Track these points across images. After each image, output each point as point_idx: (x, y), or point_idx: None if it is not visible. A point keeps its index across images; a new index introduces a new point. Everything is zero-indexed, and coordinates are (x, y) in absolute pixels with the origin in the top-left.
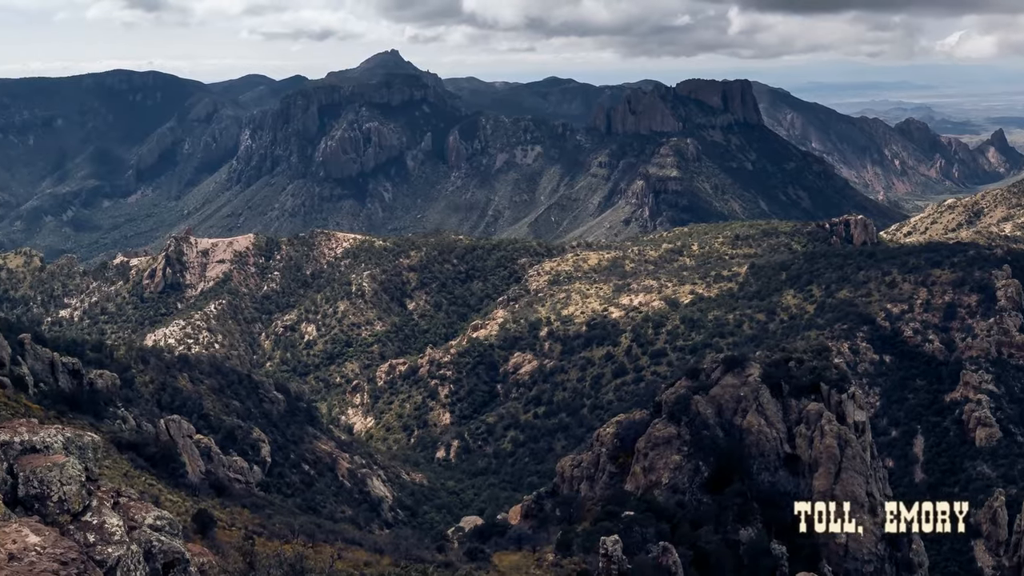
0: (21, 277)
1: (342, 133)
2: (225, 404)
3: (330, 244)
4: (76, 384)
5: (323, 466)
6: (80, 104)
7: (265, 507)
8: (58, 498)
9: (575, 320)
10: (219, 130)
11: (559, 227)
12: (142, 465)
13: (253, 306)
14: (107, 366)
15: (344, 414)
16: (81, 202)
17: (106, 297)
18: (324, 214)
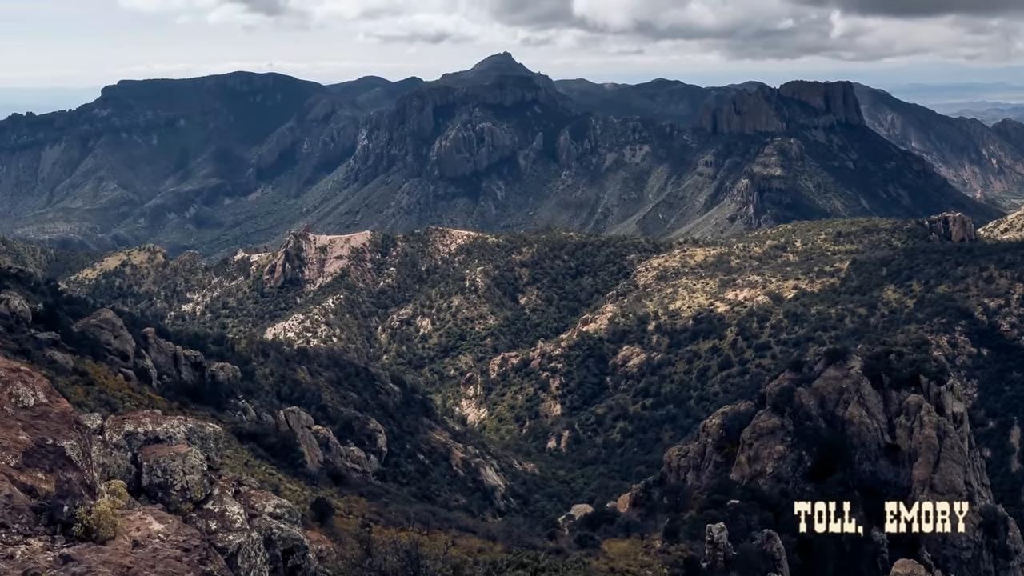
0: (145, 273)
1: (456, 133)
2: (343, 396)
3: (444, 241)
4: (198, 376)
5: (438, 456)
6: (202, 105)
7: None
8: (181, 487)
9: (682, 314)
10: (337, 130)
11: (666, 224)
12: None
13: (370, 301)
14: (228, 359)
15: (458, 405)
16: (203, 200)
17: (227, 292)
18: (438, 212)
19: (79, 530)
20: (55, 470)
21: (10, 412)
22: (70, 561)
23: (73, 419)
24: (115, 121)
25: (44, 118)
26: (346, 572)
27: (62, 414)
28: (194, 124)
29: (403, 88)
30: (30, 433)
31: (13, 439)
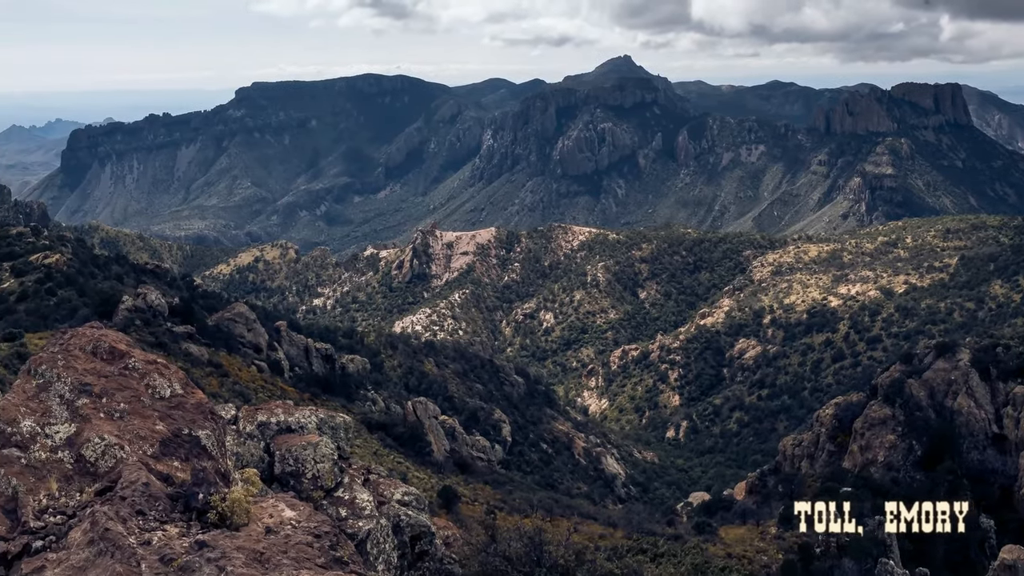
0: (277, 268)
1: (578, 133)
2: (468, 387)
3: (567, 237)
4: (329, 368)
5: (560, 445)
6: (333, 106)
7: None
8: (312, 475)
9: (796, 308)
10: (463, 130)
11: (781, 221)
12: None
13: (495, 295)
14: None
15: (580, 396)
16: (333, 198)
17: (357, 287)
18: (561, 209)
19: (214, 517)
20: (191, 459)
21: (147, 403)
22: (205, 547)
23: (208, 410)
24: (248, 122)
25: (180, 119)
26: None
27: (197, 405)
28: (325, 124)
29: (527, 90)
30: (166, 423)
31: (150, 429)
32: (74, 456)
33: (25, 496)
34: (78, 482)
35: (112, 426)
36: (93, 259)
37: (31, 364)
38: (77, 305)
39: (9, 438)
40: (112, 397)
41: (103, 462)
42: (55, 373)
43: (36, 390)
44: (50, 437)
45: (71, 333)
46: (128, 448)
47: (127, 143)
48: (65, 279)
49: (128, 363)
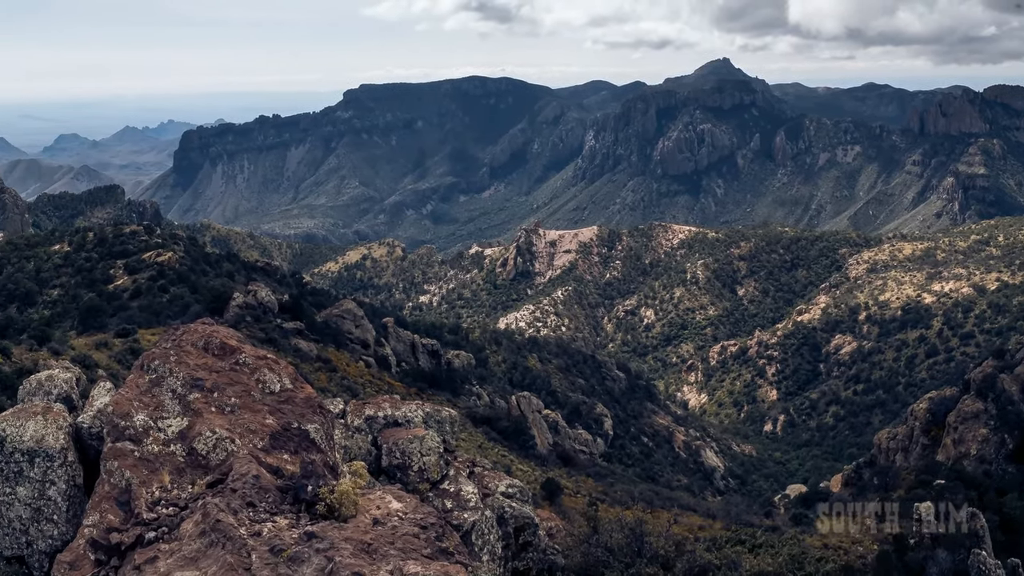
0: (385, 266)
1: (678, 134)
2: (571, 382)
3: (667, 235)
4: (435, 363)
5: (661, 438)
6: (439, 107)
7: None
8: (418, 468)
9: (891, 305)
10: (565, 131)
11: (876, 220)
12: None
13: (596, 292)
14: (463, 347)
15: (680, 391)
16: (439, 197)
17: (462, 284)
18: (661, 208)
19: (322, 508)
20: (300, 452)
21: (257, 397)
22: (314, 538)
23: (317, 404)
24: (356, 123)
25: (289, 120)
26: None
27: (306, 399)
28: (431, 126)
29: (628, 92)
30: (276, 417)
31: (260, 423)
32: (186, 449)
33: (138, 488)
34: (190, 475)
35: (223, 420)
36: (204, 257)
37: (144, 360)
38: (189, 302)
39: (123, 432)
40: (223, 392)
41: (214, 455)
42: (167, 368)
43: (149, 385)
44: (163, 431)
45: (183, 329)
46: (239, 441)
47: (238, 144)
48: (177, 276)
49: (239, 358)
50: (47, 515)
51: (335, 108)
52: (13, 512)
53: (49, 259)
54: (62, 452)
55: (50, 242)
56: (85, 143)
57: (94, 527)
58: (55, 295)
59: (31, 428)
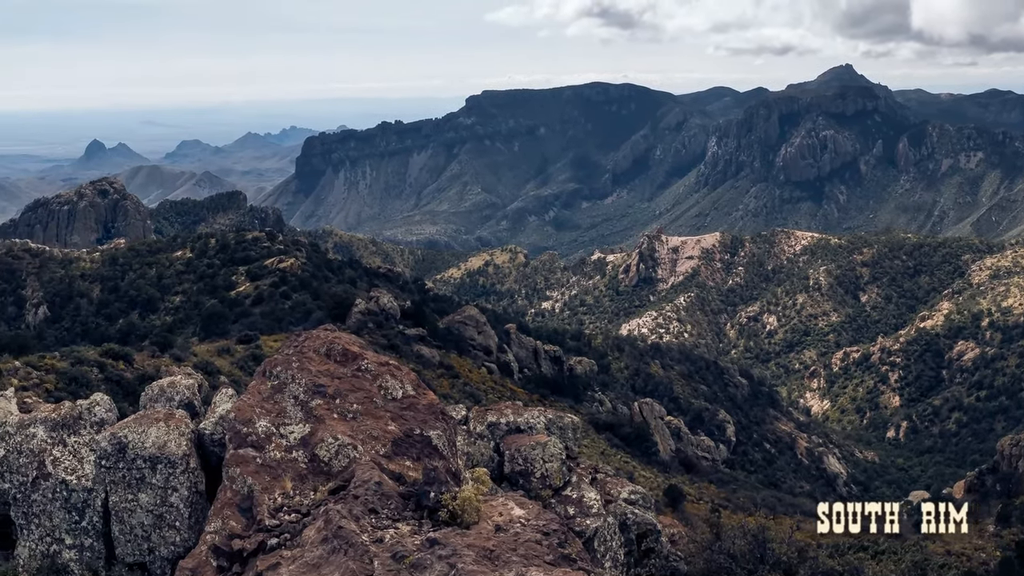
0: (507, 272)
1: (800, 140)
2: (693, 388)
3: (789, 242)
4: (557, 369)
5: (783, 445)
6: (561, 114)
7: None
8: (540, 474)
9: (1014, 311)
10: (688, 137)
11: (999, 226)
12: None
13: (719, 298)
14: (585, 353)
15: (802, 397)
16: (561, 203)
17: (584, 290)
18: (783, 214)
19: (445, 515)
20: (422, 458)
21: (380, 404)
22: (436, 544)
23: (439, 410)
24: (478, 129)
25: (412, 126)
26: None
27: (429, 405)
28: (553, 132)
29: (750, 98)
30: (399, 423)
31: (383, 429)
32: (308, 456)
33: (260, 495)
34: (312, 481)
35: (345, 426)
36: (327, 263)
37: (266, 366)
38: (311, 308)
39: (245, 438)
40: (345, 398)
41: (336, 461)
42: (290, 375)
43: (271, 391)
44: (285, 437)
45: (305, 335)
46: (361, 448)
47: (360, 150)
48: (299, 282)
49: (361, 365)
50: (169, 522)
51: (457, 114)
52: (135, 519)
53: (171, 265)
54: (184, 459)
55: (172, 248)
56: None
57: (216, 533)
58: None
59: (153, 434)
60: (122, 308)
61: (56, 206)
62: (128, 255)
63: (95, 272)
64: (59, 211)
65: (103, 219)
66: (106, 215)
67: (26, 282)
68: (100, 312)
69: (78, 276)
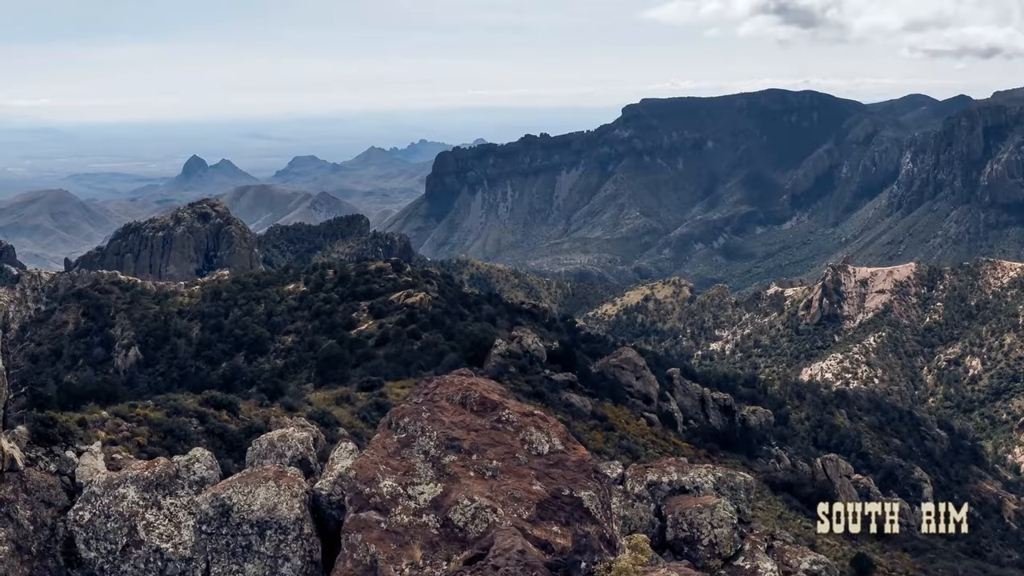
0: (670, 308)
1: (1009, 156)
2: (884, 442)
3: (995, 273)
4: (727, 421)
5: (988, 507)
6: (732, 125)
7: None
8: (709, 541)
9: None
10: (878, 153)
11: None
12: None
13: (914, 338)
14: (760, 402)
15: (1010, 453)
16: (732, 229)
17: (759, 329)
18: (989, 241)
19: None
20: (572, 523)
21: (523, 460)
22: None
23: (591, 468)
24: (637, 143)
25: (560, 140)
26: None
27: (579, 462)
28: (723, 146)
29: (951, 107)
30: (544, 483)
31: (526, 490)
32: (440, 520)
33: (385, 565)
34: (445, 549)
35: (483, 486)
36: (462, 298)
37: (392, 416)
38: (444, 350)
39: (367, 500)
40: (483, 453)
41: (473, 527)
42: (419, 427)
43: (398, 446)
44: (413, 499)
45: (437, 382)
46: (501, 511)
47: (500, 167)
48: (430, 320)
49: (501, 415)
50: None
51: (612, 126)
52: None
53: (282, 300)
54: (297, 523)
55: (283, 281)
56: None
57: None
58: (289, 342)
59: (262, 496)
60: (226, 350)
61: (149, 232)
62: (233, 288)
63: (194, 308)
64: (153, 238)
65: (204, 247)
66: (207, 242)
67: (115, 320)
68: (200, 354)
69: (175, 313)
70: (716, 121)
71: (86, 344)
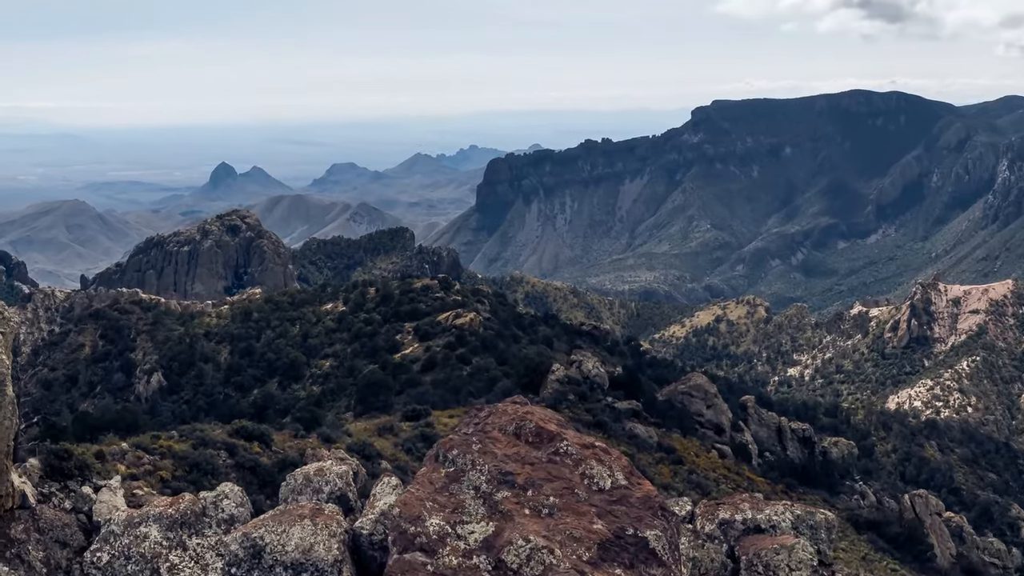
0: (744, 330)
1: None
2: (979, 476)
3: None
4: (807, 453)
5: None
6: (812, 130)
7: None
8: None
9: None
10: (972, 160)
11: None
12: (883, 547)
13: (1011, 363)
14: (842, 433)
15: None
16: (812, 243)
17: (841, 353)
18: None
19: None
20: (636, 565)
21: (583, 496)
22: None
23: (658, 504)
24: (708, 149)
25: (623, 145)
26: None
27: (644, 498)
28: (802, 152)
29: None
30: (606, 521)
31: (586, 529)
32: (492, 562)
33: None
34: None
35: (539, 525)
36: (515, 318)
37: (439, 449)
38: (496, 375)
39: (412, 540)
40: (539, 489)
41: (528, 569)
42: (469, 460)
43: (446, 481)
44: (463, 539)
45: (489, 410)
46: (559, 552)
47: (558, 175)
48: (481, 343)
49: (559, 447)
50: None
51: (680, 130)
52: None
53: (319, 321)
54: (335, 566)
55: (320, 300)
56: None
57: None
58: (327, 367)
59: (297, 535)
60: (257, 375)
61: (174, 247)
62: (265, 308)
63: (223, 330)
64: (177, 253)
65: (233, 263)
66: (237, 258)
67: (136, 343)
68: (229, 381)
69: (201, 335)
70: (794, 125)
71: (104, 369)
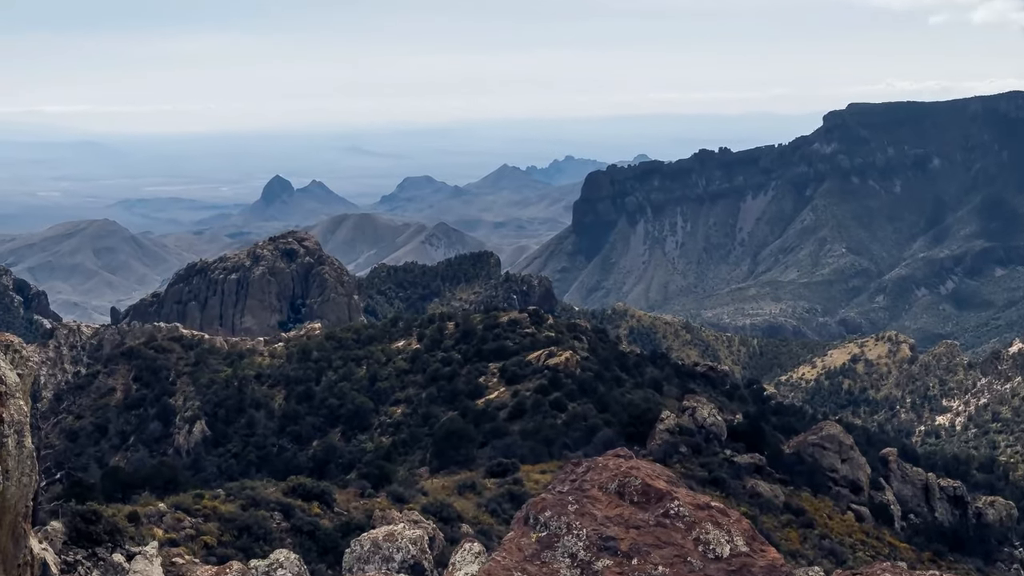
0: (884, 371)
1: None
2: None
3: None
4: (958, 515)
5: None
6: (964, 137)
7: None
8: None
9: None
10: None
11: None
12: None
13: None
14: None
15: None
16: (965, 269)
17: (999, 398)
18: None
19: None
20: None
21: (697, 566)
22: None
23: (785, 574)
24: (842, 160)
25: (743, 155)
26: None
27: (769, 568)
28: (953, 164)
29: None
30: None
31: None
32: None
33: None
34: None
35: None
36: (618, 358)
37: (529, 509)
38: (595, 424)
39: None
40: (646, 557)
41: None
42: (564, 522)
43: (537, 547)
44: None
45: (587, 465)
46: None
47: (668, 191)
48: (578, 387)
49: (669, 508)
50: None
51: (811, 139)
52: None
53: (389, 361)
54: None
55: (391, 336)
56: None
57: None
58: (398, 414)
59: None
60: (317, 424)
61: (220, 274)
62: (326, 346)
63: (277, 371)
64: (224, 281)
65: (289, 293)
66: (293, 287)
67: (176, 386)
68: (284, 430)
69: (252, 377)
70: (944, 132)
71: (138, 417)
